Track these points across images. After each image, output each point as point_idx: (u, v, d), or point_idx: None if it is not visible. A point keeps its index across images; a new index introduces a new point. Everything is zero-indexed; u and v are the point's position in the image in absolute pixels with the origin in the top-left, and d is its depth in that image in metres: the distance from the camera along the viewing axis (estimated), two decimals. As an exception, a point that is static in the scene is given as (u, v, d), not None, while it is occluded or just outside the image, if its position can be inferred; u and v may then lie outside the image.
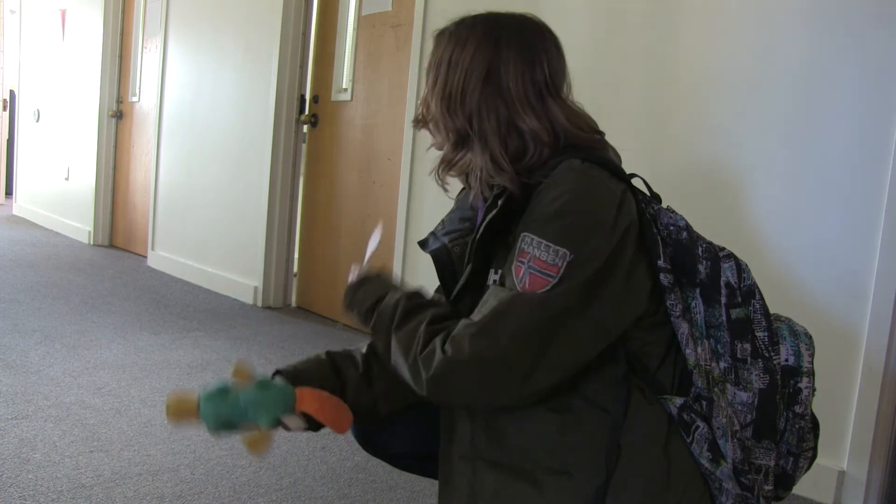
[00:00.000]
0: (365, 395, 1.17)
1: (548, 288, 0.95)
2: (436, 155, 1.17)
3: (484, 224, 1.06)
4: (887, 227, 1.90)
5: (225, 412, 1.05)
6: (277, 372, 1.15)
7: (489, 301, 0.99)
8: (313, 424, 1.11)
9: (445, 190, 1.17)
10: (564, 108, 1.09)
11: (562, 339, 0.96)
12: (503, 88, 1.07)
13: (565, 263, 0.95)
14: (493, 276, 1.07)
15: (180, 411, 1.06)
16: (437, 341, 0.98)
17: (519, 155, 1.07)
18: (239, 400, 1.05)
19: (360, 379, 1.17)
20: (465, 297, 1.11)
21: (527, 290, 0.96)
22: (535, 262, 0.97)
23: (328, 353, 1.20)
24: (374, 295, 1.13)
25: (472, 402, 1.02)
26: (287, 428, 1.10)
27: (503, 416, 1.05)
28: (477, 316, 0.98)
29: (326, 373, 1.16)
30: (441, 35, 1.13)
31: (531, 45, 1.08)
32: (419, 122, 1.16)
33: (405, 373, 1.03)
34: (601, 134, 1.12)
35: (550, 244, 0.96)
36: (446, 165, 1.14)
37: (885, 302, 1.90)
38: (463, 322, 0.98)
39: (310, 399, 1.08)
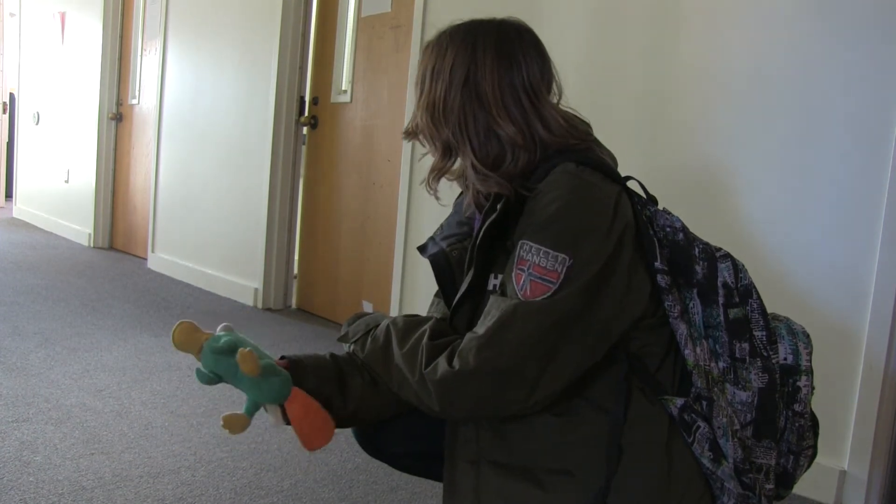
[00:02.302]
0: (370, 402, 1.16)
1: (549, 294, 0.96)
2: (431, 160, 1.18)
3: (483, 229, 1.06)
4: (887, 227, 1.90)
5: (222, 369, 1.05)
6: (282, 357, 1.15)
7: (492, 312, 0.99)
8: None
9: (437, 198, 1.18)
10: (544, 112, 1.09)
11: (566, 344, 0.96)
12: (481, 94, 1.08)
13: (565, 268, 0.96)
14: (492, 281, 1.07)
15: (185, 340, 1.06)
16: (443, 356, 0.99)
17: (499, 161, 1.08)
18: (238, 370, 1.05)
19: (366, 386, 1.16)
20: (465, 303, 1.11)
21: (528, 298, 0.96)
22: (534, 268, 0.97)
23: (333, 357, 1.18)
24: (367, 325, 1.16)
25: (481, 414, 1.02)
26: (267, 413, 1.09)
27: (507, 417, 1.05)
28: (481, 328, 0.98)
29: (329, 376, 1.15)
30: (426, 48, 1.15)
31: (508, 49, 1.09)
32: (409, 135, 1.17)
33: (411, 391, 1.03)
34: (583, 137, 1.11)
35: (549, 250, 0.97)
36: (436, 174, 1.15)
37: (885, 302, 1.90)
38: (468, 335, 0.99)
39: (299, 405, 1.07)
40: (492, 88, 1.07)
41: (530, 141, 1.07)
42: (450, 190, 1.20)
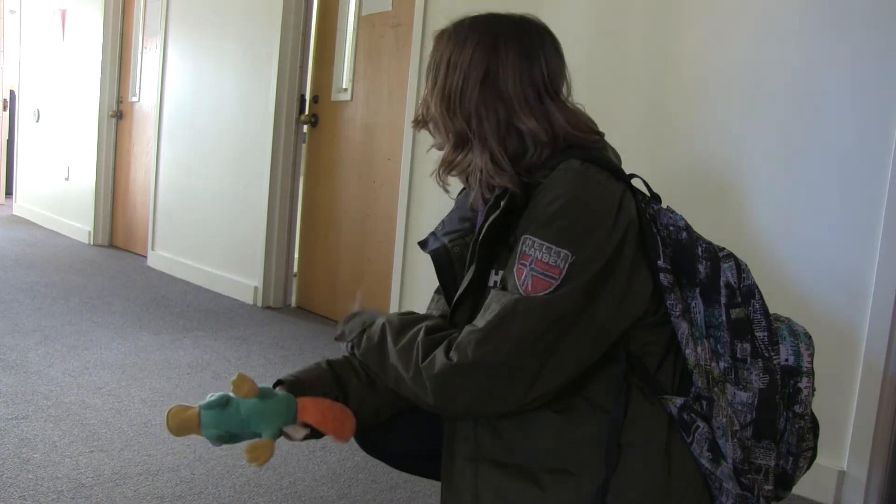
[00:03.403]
0: (368, 403, 1.16)
1: (550, 290, 0.95)
2: (437, 156, 1.17)
3: (486, 225, 1.06)
4: (887, 227, 1.90)
5: (226, 423, 1.05)
6: (279, 382, 1.15)
7: (492, 306, 0.99)
8: (315, 433, 1.11)
9: (446, 191, 1.18)
10: (563, 109, 1.10)
11: (566, 341, 0.96)
12: (501, 90, 1.07)
13: (567, 265, 0.96)
14: (493, 277, 1.07)
15: (181, 424, 1.05)
16: (440, 349, 0.99)
17: (518, 155, 1.08)
18: (240, 411, 1.05)
19: (363, 388, 1.16)
20: (466, 299, 1.11)
21: (529, 293, 0.96)
22: (536, 264, 0.97)
23: (328, 363, 1.18)
24: (362, 323, 1.16)
25: (478, 410, 1.01)
26: (289, 437, 1.10)
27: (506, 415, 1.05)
28: (481, 322, 0.98)
29: (328, 383, 1.15)
30: (440, 36, 1.14)
31: (530, 46, 1.09)
32: (419, 123, 1.17)
33: (407, 387, 1.03)
34: (600, 134, 1.12)
35: (552, 246, 0.97)
36: (447, 166, 1.14)
37: (885, 302, 1.90)
38: (467, 328, 0.99)
39: (312, 409, 1.07)
40: (514, 85, 1.07)
41: (552, 136, 1.07)
42: (457, 183, 1.20)
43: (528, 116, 1.07)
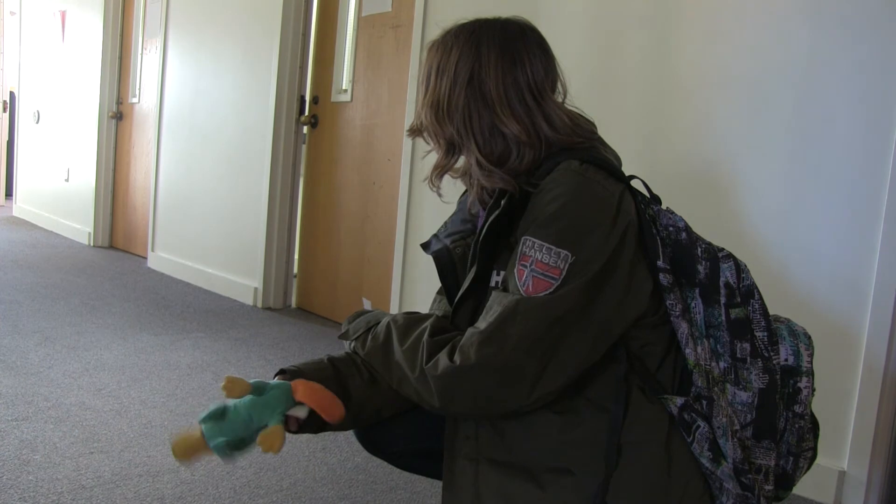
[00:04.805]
0: (370, 401, 1.17)
1: (551, 290, 0.96)
2: (433, 159, 1.18)
3: (487, 225, 1.07)
4: (887, 227, 1.90)
5: (230, 429, 1.04)
6: (281, 371, 1.15)
7: (494, 307, 0.99)
8: (313, 422, 1.11)
9: (440, 195, 1.18)
10: (549, 110, 1.09)
11: (567, 341, 0.96)
12: (485, 93, 1.08)
13: (567, 265, 0.96)
14: (495, 278, 1.08)
15: (187, 448, 1.04)
16: (444, 352, 0.99)
17: (503, 158, 1.08)
18: (240, 412, 1.05)
19: (365, 385, 1.16)
20: (467, 300, 1.11)
21: (530, 294, 0.96)
22: (537, 264, 0.97)
23: (330, 359, 1.19)
24: (367, 322, 1.16)
25: (482, 411, 1.02)
26: (293, 425, 1.09)
27: None
28: (483, 323, 0.99)
29: (328, 378, 1.15)
30: (430, 47, 1.15)
31: (512, 47, 1.09)
32: (414, 132, 1.18)
33: (411, 387, 1.03)
34: (587, 136, 1.12)
35: (552, 247, 0.97)
36: (439, 172, 1.16)
37: (885, 302, 1.90)
38: (469, 331, 0.99)
39: (302, 388, 1.08)
40: (496, 87, 1.07)
41: (535, 138, 1.08)
42: (453, 188, 1.20)
43: (510, 119, 1.07)
